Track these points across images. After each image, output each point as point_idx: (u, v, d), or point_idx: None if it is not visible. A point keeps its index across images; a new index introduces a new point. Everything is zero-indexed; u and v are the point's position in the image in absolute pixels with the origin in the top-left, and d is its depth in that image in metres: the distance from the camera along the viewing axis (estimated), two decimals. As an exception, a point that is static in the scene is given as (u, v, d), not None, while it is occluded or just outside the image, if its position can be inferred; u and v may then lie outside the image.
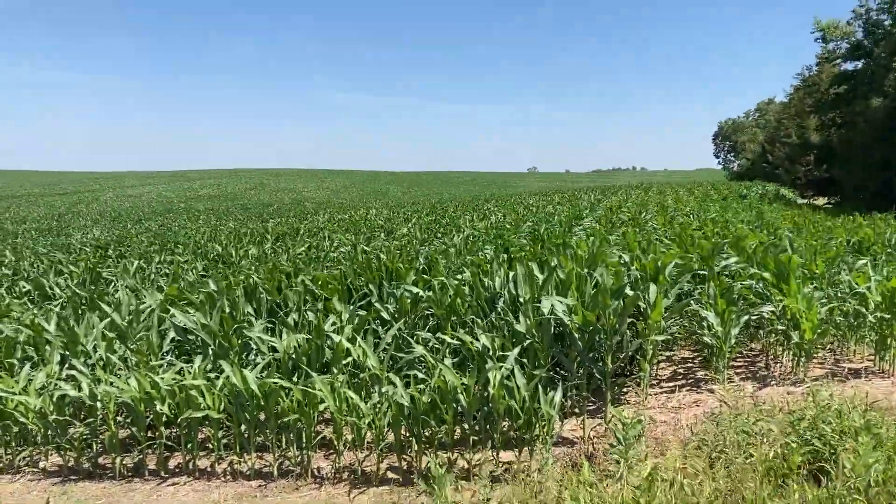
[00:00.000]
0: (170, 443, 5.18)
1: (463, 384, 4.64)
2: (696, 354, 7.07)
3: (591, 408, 5.63)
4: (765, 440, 4.06)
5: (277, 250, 14.29)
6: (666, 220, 15.64)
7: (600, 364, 5.37)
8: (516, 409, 4.55)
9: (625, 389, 5.99)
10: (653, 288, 5.61)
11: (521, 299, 5.75)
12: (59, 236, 26.37)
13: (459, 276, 7.09)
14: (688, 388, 6.05)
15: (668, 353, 7.03)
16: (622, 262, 6.99)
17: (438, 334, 5.91)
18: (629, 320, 5.60)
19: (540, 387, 4.62)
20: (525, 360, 5.36)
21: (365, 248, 12.82)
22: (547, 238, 11.40)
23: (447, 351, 5.45)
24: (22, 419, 5.15)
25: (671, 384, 6.19)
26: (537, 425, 4.63)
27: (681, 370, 6.65)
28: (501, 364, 4.79)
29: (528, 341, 5.35)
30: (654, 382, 6.24)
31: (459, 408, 4.71)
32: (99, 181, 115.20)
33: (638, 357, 5.96)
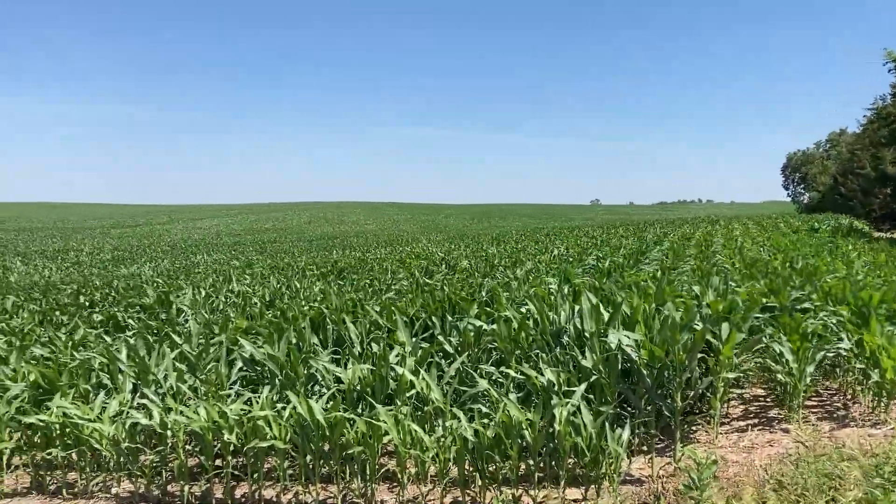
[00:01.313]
0: (236, 472, 5.25)
1: (528, 420, 4.58)
2: (768, 392, 6.83)
3: (659, 446, 5.48)
4: (848, 484, 3.87)
5: (341, 282, 14.46)
6: (734, 252, 15.28)
7: (669, 401, 5.23)
8: (583, 446, 4.47)
9: (694, 427, 5.83)
10: (724, 323, 5.47)
11: (587, 334, 5.66)
12: (132, 267, 27.28)
13: (523, 310, 7.04)
14: (760, 427, 5.84)
15: (738, 391, 6.81)
16: (692, 295, 6.84)
17: (502, 368, 5.86)
18: (699, 356, 5.46)
19: (607, 424, 4.52)
20: (591, 396, 5.26)
21: (427, 280, 12.87)
22: (612, 271, 11.25)
23: (511, 385, 5.40)
24: (96, 445, 5.29)
25: (742, 423, 5.99)
26: (604, 463, 4.53)
27: (752, 408, 6.43)
28: (568, 400, 4.71)
29: (594, 377, 5.26)
30: (725, 420, 6.05)
31: (524, 443, 4.64)
32: (169, 213, 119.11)
33: (708, 394, 5.79)
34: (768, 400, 6.63)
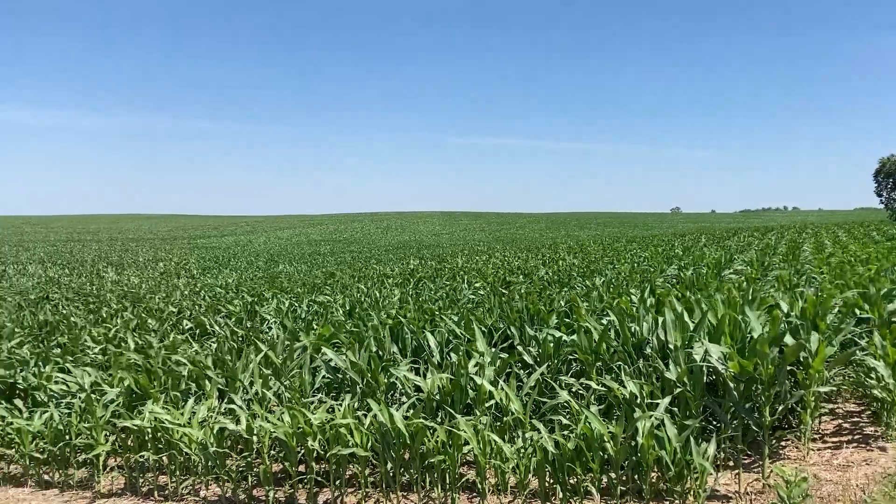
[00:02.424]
0: (319, 478, 5.35)
1: (610, 432, 4.52)
2: (862, 408, 6.53)
3: (746, 461, 5.31)
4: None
5: (420, 290, 14.58)
6: (823, 261, 14.72)
7: (756, 415, 5.07)
8: (667, 459, 4.37)
9: (783, 443, 5.63)
10: (814, 335, 5.27)
11: (671, 345, 5.55)
12: (218, 276, 28.13)
13: (604, 321, 6.95)
14: (854, 444, 5.59)
15: (830, 406, 6.54)
16: (779, 306, 6.62)
17: (582, 380, 5.80)
18: (787, 368, 5.27)
19: (692, 438, 4.42)
20: (675, 409, 5.15)
21: (503, 290, 12.85)
22: (696, 281, 10.99)
23: (592, 397, 5.34)
24: (186, 450, 5.48)
25: (835, 439, 5.74)
26: (689, 478, 4.43)
27: (846, 425, 6.16)
28: (651, 413, 4.62)
29: (678, 390, 5.15)
30: (816, 437, 5.82)
31: (606, 456, 4.57)
32: (253, 224, 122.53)
33: (797, 409, 5.59)
34: (863, 416, 6.34)
